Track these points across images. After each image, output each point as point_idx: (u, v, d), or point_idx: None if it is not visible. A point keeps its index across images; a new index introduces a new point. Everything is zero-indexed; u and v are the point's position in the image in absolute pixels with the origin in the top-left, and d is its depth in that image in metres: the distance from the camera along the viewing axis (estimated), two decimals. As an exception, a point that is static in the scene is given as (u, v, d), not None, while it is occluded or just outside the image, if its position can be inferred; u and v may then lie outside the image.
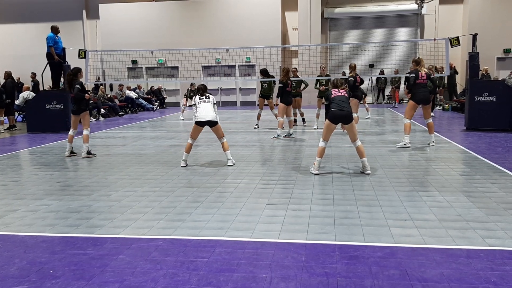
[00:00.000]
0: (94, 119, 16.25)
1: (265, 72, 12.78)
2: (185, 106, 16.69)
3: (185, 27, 23.59)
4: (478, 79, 11.79)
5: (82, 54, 13.30)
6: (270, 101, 12.85)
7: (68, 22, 24.30)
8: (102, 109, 17.42)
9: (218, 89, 23.75)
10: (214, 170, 7.09)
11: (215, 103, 7.54)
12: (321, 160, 6.74)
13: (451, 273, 3.27)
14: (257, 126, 12.96)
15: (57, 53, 12.74)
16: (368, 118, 14.95)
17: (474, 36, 11.70)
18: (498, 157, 7.76)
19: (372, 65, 21.34)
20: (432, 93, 10.48)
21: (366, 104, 15.78)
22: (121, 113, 18.59)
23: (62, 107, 12.59)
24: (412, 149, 8.74)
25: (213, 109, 7.36)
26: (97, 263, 3.55)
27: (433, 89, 10.73)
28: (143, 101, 21.21)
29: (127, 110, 19.77)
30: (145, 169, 7.34)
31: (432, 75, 14.48)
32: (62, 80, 13.64)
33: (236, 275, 3.30)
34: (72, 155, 8.61)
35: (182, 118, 16.26)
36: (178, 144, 10.03)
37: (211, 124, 7.35)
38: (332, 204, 5.07)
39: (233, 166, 7.38)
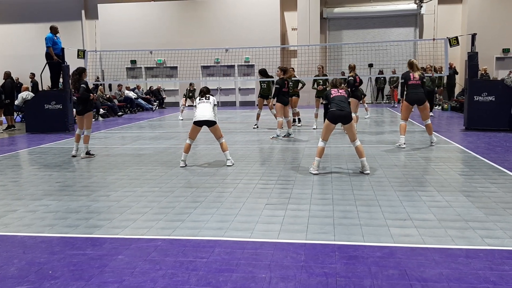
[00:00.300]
0: (93, 120, 16.20)
1: (263, 72, 12.78)
2: (184, 106, 16.68)
3: (184, 27, 23.58)
4: (477, 79, 11.79)
5: (81, 54, 13.31)
6: (269, 100, 12.85)
7: (67, 22, 24.25)
8: (101, 109, 17.41)
9: (217, 89, 23.75)
10: (213, 170, 7.09)
11: (216, 104, 7.55)
12: (320, 160, 6.73)
13: (450, 273, 3.27)
14: (256, 126, 12.96)
15: (56, 53, 12.71)
16: (367, 118, 14.96)
17: (473, 36, 11.70)
18: (497, 156, 7.77)
19: (371, 65, 21.37)
20: (430, 93, 10.48)
21: (365, 104, 15.79)
22: (120, 113, 18.58)
23: (61, 107, 12.57)
24: (411, 149, 8.74)
25: (212, 110, 7.36)
26: (96, 264, 3.55)
27: (431, 90, 10.76)
28: (142, 101, 21.19)
29: (126, 110, 19.75)
30: (144, 169, 7.34)
31: (432, 75, 14.55)
32: (61, 80, 13.65)
33: (235, 275, 3.30)
34: (76, 156, 8.56)
35: (181, 118, 16.24)
36: (177, 144, 10.03)
37: (209, 124, 7.34)
38: (331, 204, 5.07)
39: (232, 166, 7.38)
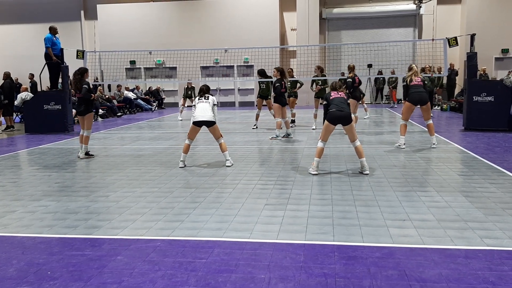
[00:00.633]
0: (93, 120, 16.20)
1: (262, 73, 12.78)
2: (183, 107, 16.67)
3: (184, 27, 23.58)
4: (476, 79, 11.80)
5: (80, 54, 13.30)
6: (268, 101, 12.85)
7: (66, 23, 24.25)
8: (100, 110, 17.40)
9: (216, 90, 23.74)
10: (212, 171, 7.09)
11: (216, 104, 7.53)
12: (320, 161, 6.73)
13: (449, 273, 3.27)
14: (256, 126, 12.96)
15: (55, 54, 12.70)
16: (367, 119, 14.96)
17: (472, 36, 11.71)
18: (497, 157, 7.77)
19: (370, 66, 21.37)
20: (429, 94, 10.51)
21: (364, 105, 15.79)
22: (119, 113, 18.57)
23: (60, 108, 12.57)
24: (410, 149, 8.74)
25: (211, 110, 7.35)
26: (95, 264, 3.54)
27: (430, 90, 10.81)
28: (142, 102, 21.19)
29: (126, 110, 19.75)
30: (144, 169, 7.33)
31: (431, 75, 14.60)
32: (60, 80, 13.64)
33: (234, 275, 3.30)
34: (81, 156, 8.54)
35: (180, 118, 16.23)
36: (177, 145, 10.02)
37: (208, 124, 7.33)
38: (330, 204, 5.07)
39: (232, 166, 7.38)
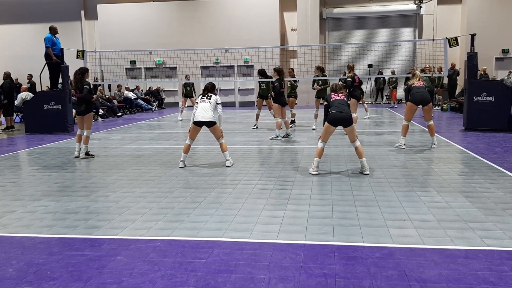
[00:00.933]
0: (92, 120, 16.20)
1: (263, 73, 12.78)
2: (184, 107, 16.66)
3: (184, 27, 23.57)
4: (476, 79, 11.79)
5: (80, 54, 13.29)
6: (268, 101, 12.85)
7: (66, 23, 24.24)
8: (100, 110, 17.40)
9: (217, 90, 23.66)
10: (212, 171, 7.08)
11: (219, 103, 7.49)
12: (320, 161, 6.73)
13: (449, 273, 3.26)
14: (256, 126, 12.96)
15: (55, 54, 12.69)
16: (367, 119, 14.95)
17: (473, 37, 11.70)
18: (497, 157, 7.76)
19: (370, 66, 21.36)
20: (430, 94, 10.53)
21: (365, 105, 15.78)
22: (119, 113, 18.57)
23: (60, 108, 12.56)
24: (410, 149, 8.74)
25: (212, 110, 7.33)
26: (94, 264, 3.54)
27: (431, 90, 10.85)
28: (142, 102, 21.19)
29: (126, 110, 19.74)
30: (144, 170, 7.33)
31: (431, 75, 14.60)
32: (60, 81, 13.63)
33: (234, 276, 3.29)
34: (78, 157, 8.53)
35: (180, 118, 16.22)
36: (177, 145, 10.02)
37: (208, 124, 7.33)
38: (330, 204, 5.07)
39: (232, 166, 7.37)
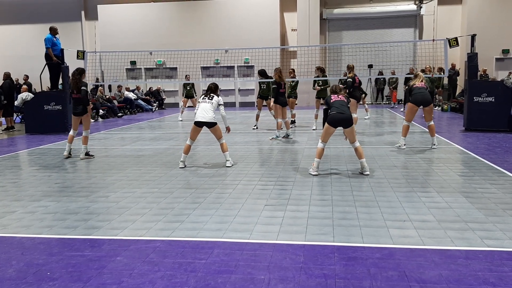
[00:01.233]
0: (93, 120, 16.21)
1: (263, 73, 12.79)
2: (184, 108, 16.66)
3: (184, 28, 23.57)
4: (476, 79, 11.79)
5: (81, 55, 13.30)
6: (268, 101, 12.85)
7: (66, 23, 24.24)
8: (100, 110, 17.41)
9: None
10: (212, 171, 7.08)
11: (222, 103, 7.49)
12: (320, 161, 6.73)
13: (449, 274, 3.26)
14: (256, 127, 12.96)
15: (56, 54, 12.70)
16: (367, 119, 14.95)
17: (473, 37, 11.70)
18: (497, 157, 7.76)
19: (370, 66, 21.36)
20: (430, 94, 10.54)
21: (365, 105, 15.77)
22: (120, 114, 18.58)
23: (61, 108, 12.56)
24: (411, 150, 8.73)
25: (212, 111, 7.33)
26: (94, 265, 3.54)
27: (431, 91, 10.86)
28: (142, 102, 21.19)
29: (126, 111, 19.74)
30: (144, 170, 7.33)
31: (431, 76, 14.59)
32: (60, 81, 13.64)
33: (234, 276, 3.29)
34: (69, 157, 8.59)
35: (180, 119, 16.22)
36: (177, 145, 10.02)
37: (208, 125, 7.33)
38: (330, 205, 5.06)
39: (232, 167, 7.37)
